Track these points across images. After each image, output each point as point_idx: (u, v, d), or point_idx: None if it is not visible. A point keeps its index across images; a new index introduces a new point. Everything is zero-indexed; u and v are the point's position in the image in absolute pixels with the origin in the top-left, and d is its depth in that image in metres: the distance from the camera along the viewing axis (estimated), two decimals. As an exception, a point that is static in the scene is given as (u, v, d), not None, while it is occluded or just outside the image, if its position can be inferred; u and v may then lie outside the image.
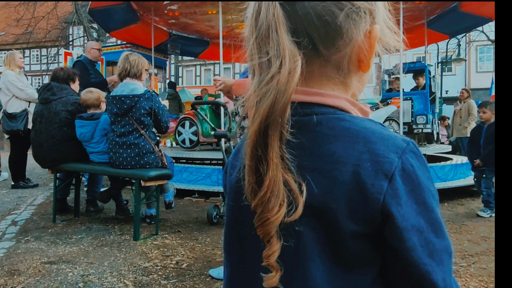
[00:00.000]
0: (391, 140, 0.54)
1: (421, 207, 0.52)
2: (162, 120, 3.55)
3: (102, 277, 2.50)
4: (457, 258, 2.90)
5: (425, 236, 0.52)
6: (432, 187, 0.55)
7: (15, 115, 5.43)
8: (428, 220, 0.52)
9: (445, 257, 0.54)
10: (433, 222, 0.53)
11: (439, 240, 0.53)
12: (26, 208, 4.49)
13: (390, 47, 0.61)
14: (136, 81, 3.54)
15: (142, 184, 3.33)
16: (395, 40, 0.61)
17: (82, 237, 3.39)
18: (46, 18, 16.47)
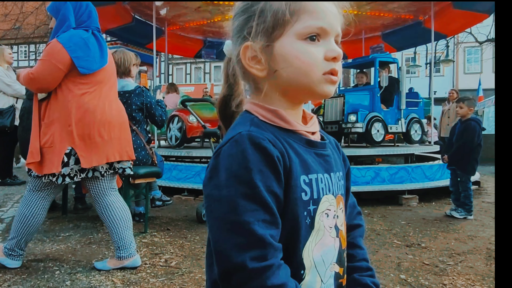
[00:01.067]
0: (232, 131, 0.74)
1: (211, 181, 0.71)
2: (156, 114, 3.54)
3: (90, 275, 2.48)
4: (444, 257, 2.93)
5: (209, 202, 0.71)
6: (239, 172, 0.69)
7: (1, 111, 5.35)
8: (209, 191, 0.71)
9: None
10: (214, 194, 0.70)
11: (216, 206, 0.70)
12: (12, 206, 4.42)
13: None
14: (126, 78, 3.52)
15: (131, 181, 3.31)
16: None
17: (70, 234, 3.36)
18: (35, 14, 16.22)
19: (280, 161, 0.71)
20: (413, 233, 3.61)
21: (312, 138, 0.80)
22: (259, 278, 0.66)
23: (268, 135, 0.73)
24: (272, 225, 0.69)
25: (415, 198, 4.96)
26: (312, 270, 0.76)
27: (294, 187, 0.73)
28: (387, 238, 3.43)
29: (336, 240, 0.80)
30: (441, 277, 2.56)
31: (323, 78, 0.74)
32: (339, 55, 0.75)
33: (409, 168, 5.26)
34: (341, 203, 0.83)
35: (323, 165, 0.80)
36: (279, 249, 0.69)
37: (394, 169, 5.17)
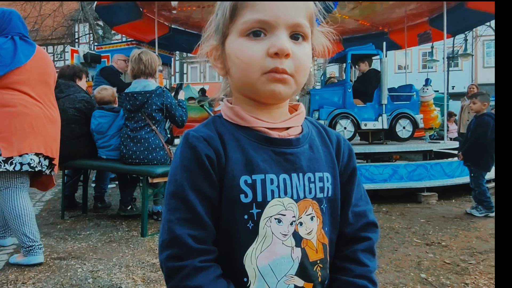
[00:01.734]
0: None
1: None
2: (176, 115, 3.58)
3: (111, 273, 2.52)
4: (466, 256, 2.88)
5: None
6: (172, 171, 0.72)
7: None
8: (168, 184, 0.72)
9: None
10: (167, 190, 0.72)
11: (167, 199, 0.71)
12: (35, 205, 4.52)
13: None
14: (150, 78, 3.58)
15: (150, 180, 3.35)
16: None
17: (91, 233, 3.42)
18: (52, 16, 16.52)
19: (211, 160, 0.69)
20: (433, 231, 3.56)
21: (272, 135, 0.73)
22: (175, 277, 0.66)
23: (206, 133, 0.72)
24: (195, 225, 0.67)
25: (435, 196, 4.89)
26: (258, 279, 0.69)
27: (230, 188, 0.69)
28: (406, 236, 3.39)
29: (296, 250, 0.71)
30: (462, 276, 2.52)
31: (265, 77, 0.68)
32: (280, 49, 0.66)
33: (428, 165, 5.17)
34: (310, 208, 0.73)
35: (282, 164, 0.72)
36: (200, 250, 0.67)
37: (413, 166, 5.10)
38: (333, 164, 0.78)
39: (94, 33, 16.25)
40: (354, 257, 0.77)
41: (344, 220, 0.79)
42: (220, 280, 0.68)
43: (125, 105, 3.59)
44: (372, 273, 0.77)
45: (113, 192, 5.14)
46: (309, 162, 0.75)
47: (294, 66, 0.68)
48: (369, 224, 0.81)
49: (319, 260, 0.73)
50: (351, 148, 0.83)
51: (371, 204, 0.83)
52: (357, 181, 0.82)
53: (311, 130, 0.80)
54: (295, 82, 0.70)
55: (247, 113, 0.74)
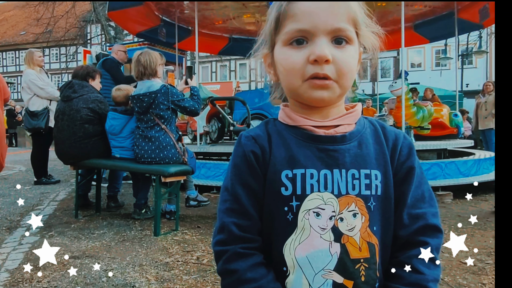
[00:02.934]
0: None
1: None
2: (187, 106, 3.58)
3: (124, 272, 2.53)
4: (483, 255, 2.83)
5: None
6: (228, 167, 0.81)
7: (36, 113, 5.54)
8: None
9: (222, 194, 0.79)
10: None
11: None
12: (49, 204, 4.58)
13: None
14: (153, 78, 3.57)
15: (162, 180, 3.35)
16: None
17: (104, 232, 3.44)
18: (65, 17, 16.74)
19: (257, 156, 0.75)
20: (448, 230, 3.50)
21: (317, 133, 0.76)
22: (219, 260, 0.74)
23: (256, 133, 0.79)
24: (240, 215, 0.74)
25: (449, 195, 4.81)
26: (297, 270, 0.72)
27: (272, 182, 0.74)
28: (421, 236, 3.34)
29: (335, 245, 0.71)
30: (479, 276, 2.47)
31: (307, 84, 0.71)
32: (319, 56, 0.68)
33: (442, 164, 5.10)
34: (353, 205, 0.72)
35: (324, 160, 0.74)
36: (242, 238, 0.73)
37: (427, 165, 5.03)
38: (384, 162, 0.77)
39: (106, 34, 16.41)
40: (407, 263, 0.73)
41: (398, 222, 0.76)
42: (260, 268, 0.72)
43: (134, 108, 3.63)
44: (430, 282, 0.72)
45: (126, 192, 5.17)
46: (354, 159, 0.75)
47: (336, 71, 0.70)
48: (429, 227, 0.76)
49: (362, 259, 0.72)
50: (412, 147, 0.80)
51: (437, 207, 0.79)
52: (415, 181, 0.78)
53: (367, 128, 0.80)
54: (339, 86, 0.72)
55: (296, 113, 0.78)
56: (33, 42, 24.88)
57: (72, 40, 19.44)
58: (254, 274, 0.71)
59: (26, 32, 29.95)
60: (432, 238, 0.76)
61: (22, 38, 32.07)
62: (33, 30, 22.00)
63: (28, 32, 28.04)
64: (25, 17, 24.46)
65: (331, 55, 0.69)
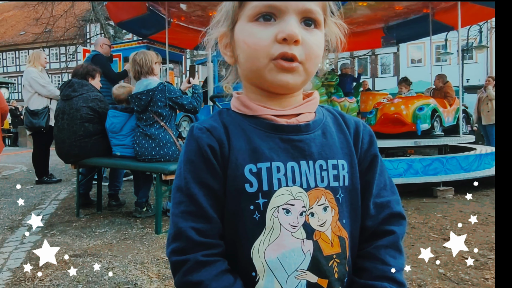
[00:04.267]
0: None
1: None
2: (185, 103, 3.58)
3: (126, 270, 2.53)
4: (485, 250, 2.83)
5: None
6: (178, 164, 0.71)
7: (37, 112, 5.53)
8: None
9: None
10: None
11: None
12: (50, 203, 4.58)
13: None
14: (150, 76, 3.58)
15: (163, 178, 3.35)
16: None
17: (106, 230, 3.44)
18: (64, 17, 16.70)
19: (214, 150, 0.67)
20: (450, 226, 3.50)
21: (279, 122, 0.70)
22: (179, 271, 0.65)
23: (210, 124, 0.70)
24: (198, 218, 0.66)
25: (451, 190, 4.80)
26: (267, 274, 0.66)
27: (234, 178, 0.66)
28: (423, 231, 3.34)
29: (307, 242, 0.66)
30: (482, 271, 2.46)
31: (273, 64, 0.65)
32: (289, 35, 0.63)
33: (443, 159, 5.09)
34: (323, 198, 0.68)
35: (290, 151, 0.68)
36: (203, 244, 0.65)
37: (428, 161, 5.01)
38: (349, 151, 0.73)
39: (105, 33, 16.38)
40: (374, 255, 0.71)
41: (365, 212, 0.73)
42: (226, 276, 0.65)
43: (133, 107, 3.63)
44: (397, 272, 0.70)
45: (127, 190, 5.17)
46: (320, 149, 0.70)
47: (304, 53, 0.65)
48: (394, 216, 0.74)
49: (335, 254, 0.68)
50: (372, 135, 0.78)
51: (398, 194, 0.77)
52: (379, 169, 0.75)
53: (326, 117, 0.76)
54: (305, 70, 0.66)
55: (254, 102, 0.71)
56: (33, 42, 24.87)
57: (71, 39, 19.41)
58: (219, 284, 0.64)
59: (26, 32, 29.92)
60: (397, 227, 0.73)
61: (22, 38, 32.06)
62: (33, 30, 21.98)
63: (28, 32, 28.01)
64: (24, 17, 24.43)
65: (300, 36, 0.64)
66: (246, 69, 0.69)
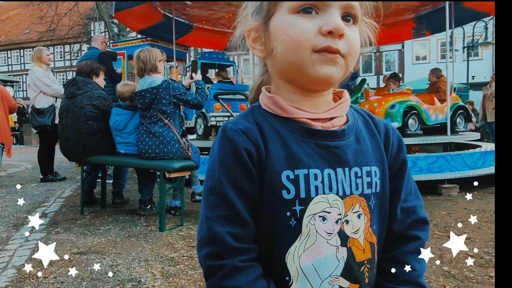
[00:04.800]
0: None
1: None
2: (189, 99, 3.58)
3: (130, 267, 2.54)
4: (489, 248, 2.81)
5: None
6: (210, 165, 0.69)
7: (42, 111, 5.56)
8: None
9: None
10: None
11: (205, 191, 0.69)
12: (55, 201, 4.60)
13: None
14: (153, 74, 3.57)
15: (167, 175, 3.36)
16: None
17: (110, 228, 3.45)
18: (68, 15, 16.75)
19: (251, 154, 0.66)
20: (455, 223, 3.48)
21: (315, 127, 0.69)
22: (214, 276, 0.65)
23: (245, 125, 0.68)
24: (234, 223, 0.65)
25: (456, 188, 4.78)
26: (301, 279, 0.67)
27: (271, 184, 0.66)
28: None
29: (341, 249, 0.67)
30: (486, 269, 2.45)
31: (316, 57, 0.63)
32: (335, 28, 0.62)
33: (448, 157, 5.06)
34: (357, 205, 0.69)
35: (326, 158, 0.68)
36: (239, 249, 0.65)
37: (433, 158, 4.99)
38: (381, 157, 0.73)
39: (109, 31, 16.42)
40: (402, 260, 0.72)
41: (392, 217, 0.74)
42: (260, 281, 0.65)
43: (137, 105, 3.64)
44: (421, 277, 0.72)
45: (131, 188, 5.18)
46: (355, 155, 0.70)
47: (347, 48, 0.64)
48: (419, 221, 0.75)
49: (366, 260, 0.69)
50: (401, 139, 0.78)
51: (421, 199, 0.78)
52: (407, 175, 0.76)
53: (357, 120, 0.75)
54: (346, 65, 0.66)
55: (288, 102, 0.69)
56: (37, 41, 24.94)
57: (75, 37, 19.47)
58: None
59: (30, 31, 30.05)
60: (422, 232, 0.75)
61: (27, 37, 32.21)
62: (37, 28, 22.04)
63: (32, 31, 28.11)
64: (28, 15, 24.52)
65: (344, 30, 0.64)
66: (285, 61, 0.67)
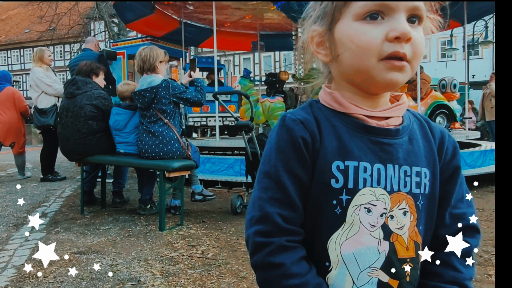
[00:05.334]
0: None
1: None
2: (189, 97, 3.58)
3: (130, 266, 2.54)
4: (488, 247, 2.81)
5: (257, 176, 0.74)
6: (267, 151, 0.73)
7: (45, 111, 5.57)
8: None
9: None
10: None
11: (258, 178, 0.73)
12: (55, 201, 4.61)
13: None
14: (153, 74, 3.57)
15: (167, 175, 3.36)
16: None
17: (110, 228, 3.46)
18: (68, 15, 16.75)
19: (307, 143, 0.70)
20: (454, 222, 3.48)
21: (370, 123, 0.71)
22: (261, 252, 0.68)
23: (303, 116, 0.72)
24: (285, 205, 0.69)
25: (455, 187, 4.78)
26: (340, 266, 0.69)
27: (321, 172, 0.69)
28: (426, 228, 3.32)
29: (383, 243, 0.69)
30: (486, 267, 2.45)
31: (383, 64, 0.65)
32: (402, 33, 0.63)
33: (448, 156, 5.06)
34: (404, 203, 0.70)
35: (378, 153, 0.70)
36: (287, 230, 0.68)
37: (432, 157, 4.99)
38: (433, 161, 0.74)
39: (109, 31, 16.42)
40: (446, 261, 0.73)
41: (440, 221, 0.75)
42: (303, 262, 0.69)
43: (137, 104, 3.64)
44: (467, 280, 0.72)
45: (131, 187, 5.19)
46: (406, 155, 0.72)
47: (412, 51, 0.65)
48: (468, 228, 0.76)
49: (409, 258, 0.70)
50: (457, 146, 0.79)
51: (474, 208, 0.78)
52: (459, 181, 0.77)
53: (413, 122, 0.77)
54: (411, 68, 0.67)
55: (346, 99, 0.72)
56: (37, 40, 24.96)
57: (75, 37, 19.47)
58: (299, 269, 0.68)
59: (30, 30, 30.04)
60: (471, 239, 0.75)
61: (26, 36, 32.20)
62: (37, 28, 22.04)
63: (32, 30, 28.11)
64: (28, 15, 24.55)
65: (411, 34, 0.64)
66: (351, 68, 0.69)
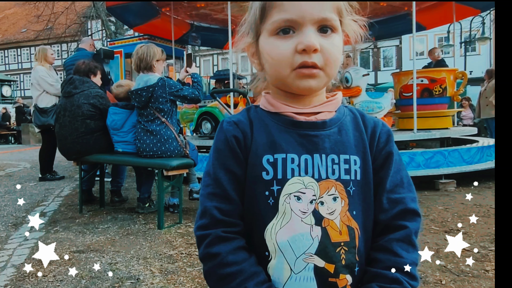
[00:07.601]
0: None
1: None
2: (186, 94, 3.57)
3: (129, 265, 2.55)
4: (486, 242, 2.83)
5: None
6: (210, 153, 0.81)
7: (46, 110, 5.56)
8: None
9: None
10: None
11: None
12: (53, 200, 4.61)
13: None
14: (150, 72, 3.56)
15: (165, 173, 3.37)
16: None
17: (109, 226, 3.47)
18: (65, 14, 16.70)
19: (238, 140, 0.77)
20: (452, 218, 3.50)
21: (298, 119, 0.77)
22: (201, 244, 0.74)
23: (238, 118, 0.80)
24: (221, 199, 0.75)
25: (453, 183, 4.80)
26: (278, 254, 0.72)
27: (253, 166, 0.75)
28: (424, 224, 3.34)
29: (315, 228, 0.72)
30: (483, 263, 2.47)
31: (295, 73, 0.72)
32: (307, 46, 0.69)
33: (445, 152, 5.08)
34: (333, 189, 0.74)
35: (305, 145, 0.75)
36: (223, 221, 0.74)
37: (430, 154, 5.01)
38: (364, 149, 0.79)
39: (106, 29, 16.38)
40: (387, 247, 0.75)
41: (378, 207, 0.78)
42: (242, 251, 0.73)
43: (134, 103, 3.64)
44: (408, 265, 0.73)
45: (130, 186, 5.20)
46: (334, 144, 0.77)
47: (323, 60, 0.71)
48: (407, 212, 0.77)
49: (343, 242, 0.73)
50: (390, 134, 0.82)
51: (414, 192, 0.80)
52: (394, 167, 0.79)
53: (346, 116, 0.82)
54: (326, 74, 0.73)
55: (277, 100, 0.79)
56: (34, 39, 24.88)
57: (73, 36, 19.43)
58: (236, 258, 0.72)
59: (27, 30, 29.94)
60: (411, 222, 0.77)
61: (23, 36, 32.10)
62: (34, 27, 21.98)
63: (29, 29, 28.03)
64: (25, 14, 24.49)
65: (318, 44, 0.70)
66: (272, 76, 0.77)
